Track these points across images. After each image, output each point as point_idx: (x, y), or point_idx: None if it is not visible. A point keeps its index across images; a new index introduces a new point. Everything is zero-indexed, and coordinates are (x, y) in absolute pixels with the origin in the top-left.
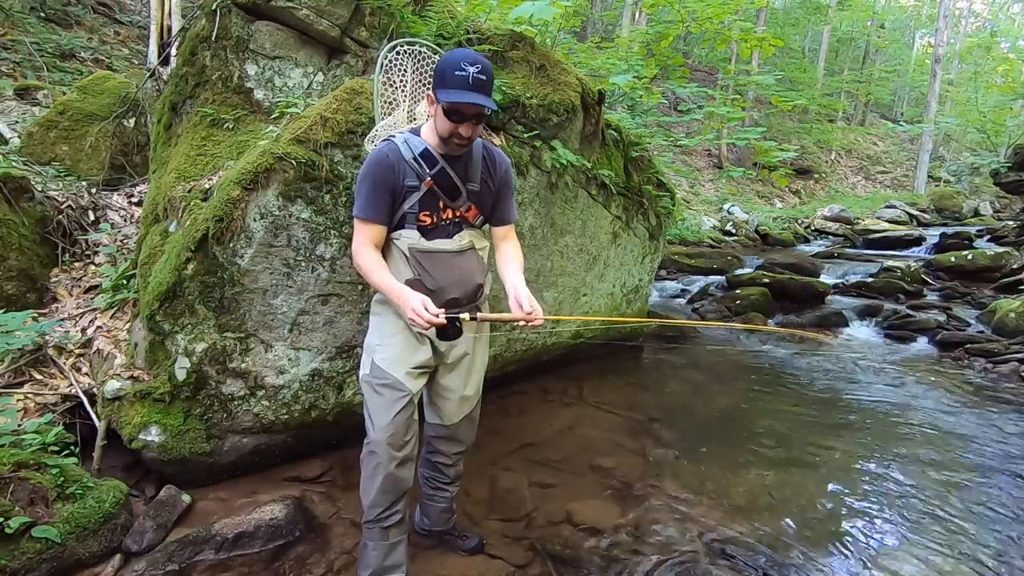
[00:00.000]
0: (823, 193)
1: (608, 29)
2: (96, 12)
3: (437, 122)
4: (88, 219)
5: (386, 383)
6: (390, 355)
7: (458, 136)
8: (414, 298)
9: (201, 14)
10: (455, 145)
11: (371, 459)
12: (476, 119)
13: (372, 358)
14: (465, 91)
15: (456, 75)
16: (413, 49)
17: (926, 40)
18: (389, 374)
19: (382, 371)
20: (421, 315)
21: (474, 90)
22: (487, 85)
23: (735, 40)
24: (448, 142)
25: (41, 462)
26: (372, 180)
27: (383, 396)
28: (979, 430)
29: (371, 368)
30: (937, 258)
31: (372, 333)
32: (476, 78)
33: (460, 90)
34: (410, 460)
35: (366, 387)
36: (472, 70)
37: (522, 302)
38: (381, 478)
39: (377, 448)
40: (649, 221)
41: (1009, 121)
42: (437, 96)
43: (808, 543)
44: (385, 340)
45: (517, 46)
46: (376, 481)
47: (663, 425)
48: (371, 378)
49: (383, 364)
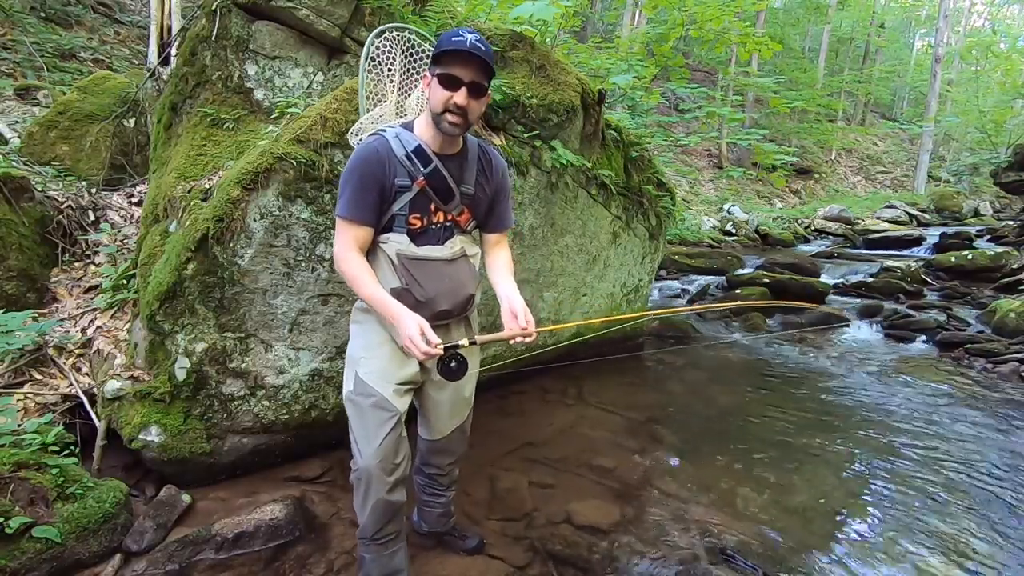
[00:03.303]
0: (823, 193)
1: (608, 29)
2: (96, 12)
3: (432, 97)
4: (88, 219)
5: (372, 401)
6: (376, 368)
7: (453, 109)
8: (411, 324)
9: (201, 14)
10: (449, 123)
11: (360, 485)
12: (473, 90)
13: (356, 371)
14: (462, 50)
15: (453, 41)
16: (403, 36)
17: (926, 40)
18: (375, 391)
19: (367, 387)
20: (418, 346)
21: (472, 51)
22: (485, 52)
23: (735, 43)
24: (442, 119)
25: (41, 462)
26: (359, 177)
27: (369, 417)
28: (979, 430)
29: (355, 383)
30: (937, 258)
31: (355, 343)
32: (473, 43)
33: (457, 50)
34: (402, 482)
35: (350, 406)
36: (471, 37)
37: (517, 314)
38: (372, 504)
39: (366, 475)
40: (649, 221)
41: (1009, 121)
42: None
43: (808, 543)
44: (369, 352)
45: (517, 46)
46: (368, 507)
47: (663, 425)
48: (355, 395)
49: (368, 379)
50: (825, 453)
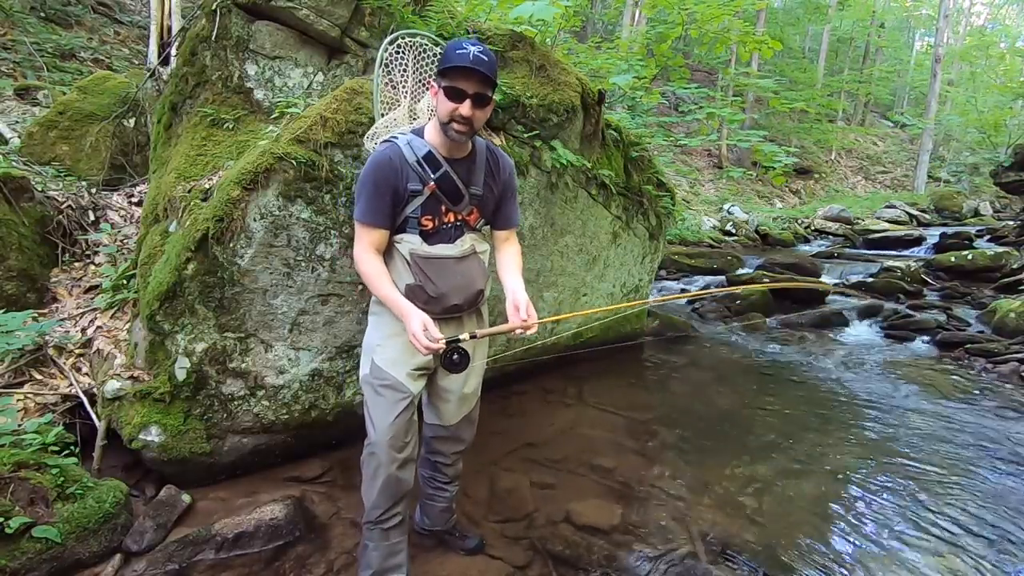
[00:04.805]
0: (823, 193)
1: (608, 29)
2: (96, 12)
3: (439, 107)
4: (88, 219)
5: (387, 384)
6: (391, 355)
7: (458, 119)
8: (415, 321)
9: (201, 14)
10: (456, 132)
11: (372, 460)
12: (477, 101)
13: (372, 358)
14: (465, 66)
15: (457, 54)
16: (415, 42)
17: (926, 40)
18: (390, 374)
19: (383, 371)
20: (420, 340)
21: (475, 66)
22: (488, 64)
23: (735, 43)
24: (449, 128)
25: (41, 462)
26: (374, 183)
27: (384, 397)
28: (979, 430)
29: (371, 368)
30: (937, 258)
31: (371, 332)
32: (476, 56)
33: (460, 66)
34: (411, 461)
35: (367, 387)
36: (474, 49)
37: (520, 308)
38: (382, 480)
39: (378, 450)
40: (649, 221)
41: (1009, 121)
42: (439, 77)
43: (808, 543)
44: (385, 340)
45: (517, 46)
46: (377, 483)
47: (663, 425)
48: (372, 378)
49: (383, 364)
50: (825, 453)
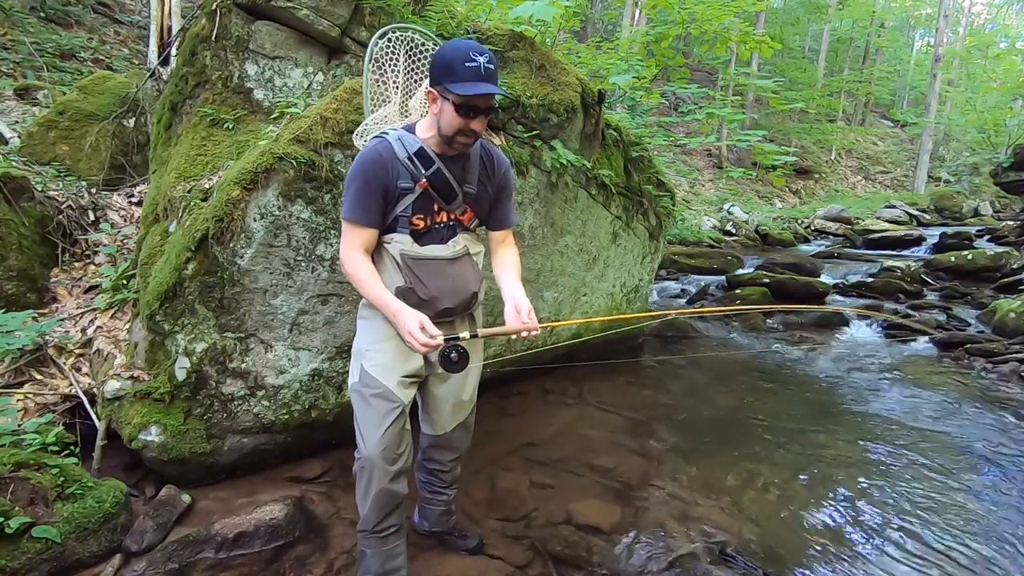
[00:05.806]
0: (823, 193)
1: (608, 29)
2: (96, 12)
3: (444, 118)
4: (88, 219)
5: (377, 392)
6: (381, 362)
7: (468, 132)
8: (410, 318)
9: (201, 14)
10: (460, 144)
11: (363, 474)
12: (487, 113)
13: (361, 364)
14: (479, 82)
15: (467, 67)
16: (406, 36)
17: (926, 40)
18: (380, 383)
19: (373, 379)
20: (417, 338)
21: (487, 81)
22: (496, 75)
23: (735, 43)
24: (453, 140)
25: (41, 462)
26: (363, 180)
27: (373, 407)
28: (979, 430)
29: (360, 375)
30: (937, 258)
31: (361, 337)
32: (487, 68)
33: (473, 82)
34: (404, 472)
35: (355, 396)
36: (482, 60)
37: (521, 311)
38: (375, 493)
39: (369, 464)
40: (649, 221)
41: (1009, 121)
42: (448, 90)
43: (808, 543)
44: (376, 346)
45: (517, 46)
46: (370, 496)
47: (663, 425)
48: (361, 387)
49: (374, 371)
50: (825, 453)
